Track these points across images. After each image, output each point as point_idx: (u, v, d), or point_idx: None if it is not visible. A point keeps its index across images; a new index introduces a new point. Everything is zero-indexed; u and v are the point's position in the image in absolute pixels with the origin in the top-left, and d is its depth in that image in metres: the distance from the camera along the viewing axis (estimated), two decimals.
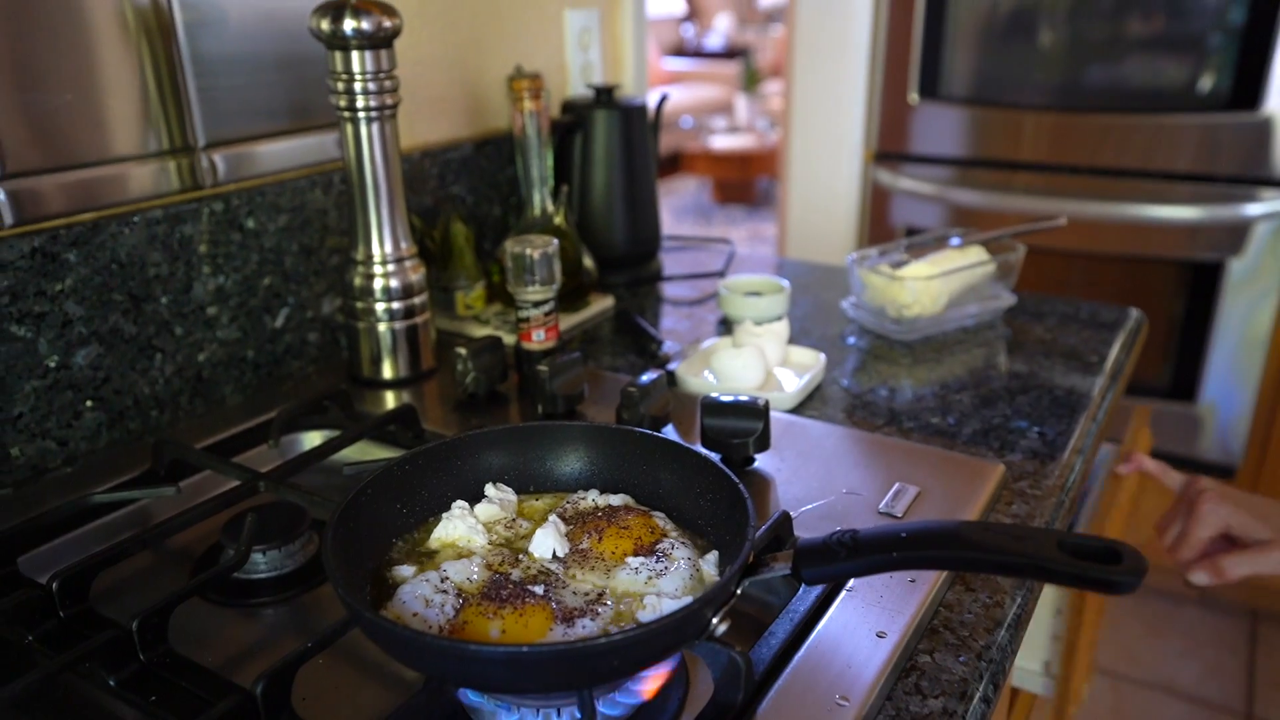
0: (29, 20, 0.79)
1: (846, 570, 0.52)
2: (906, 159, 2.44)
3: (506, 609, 0.52)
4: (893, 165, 2.44)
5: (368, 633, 0.51)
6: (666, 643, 0.50)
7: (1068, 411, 0.94)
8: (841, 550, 0.52)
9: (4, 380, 0.80)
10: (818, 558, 0.52)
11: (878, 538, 0.51)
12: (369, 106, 0.90)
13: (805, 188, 2.60)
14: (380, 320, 0.98)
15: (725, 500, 0.60)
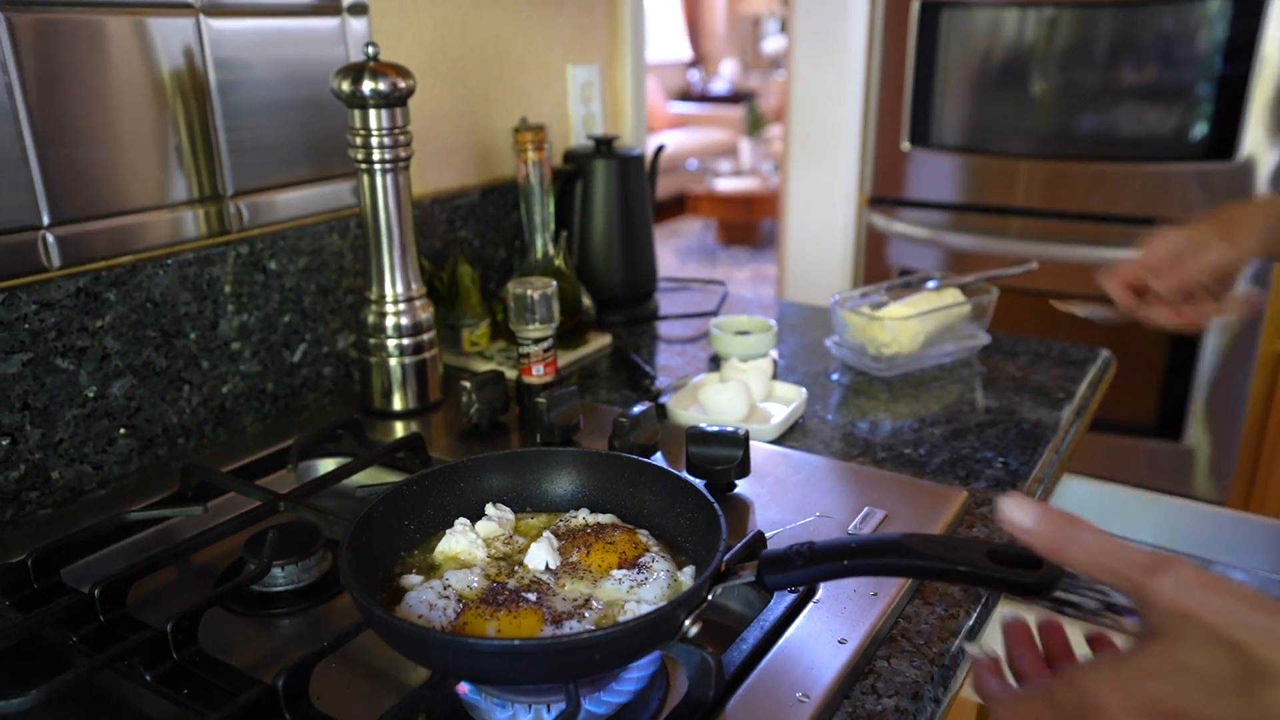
0: (79, 83, 0.87)
1: (803, 576, 0.58)
2: (901, 204, 2.52)
3: (502, 612, 0.59)
4: (887, 210, 2.52)
5: (379, 630, 0.57)
6: (643, 640, 0.56)
7: (1032, 444, 1.00)
8: (799, 559, 0.58)
9: (48, 409, 0.87)
10: (779, 565, 0.59)
11: (831, 548, 0.58)
12: (384, 160, 0.99)
13: (803, 231, 2.68)
14: (391, 355, 1.06)
15: (702, 518, 0.67)
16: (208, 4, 0.96)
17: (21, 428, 0.86)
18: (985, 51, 2.36)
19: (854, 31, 2.42)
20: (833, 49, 2.47)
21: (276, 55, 1.04)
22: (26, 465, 0.87)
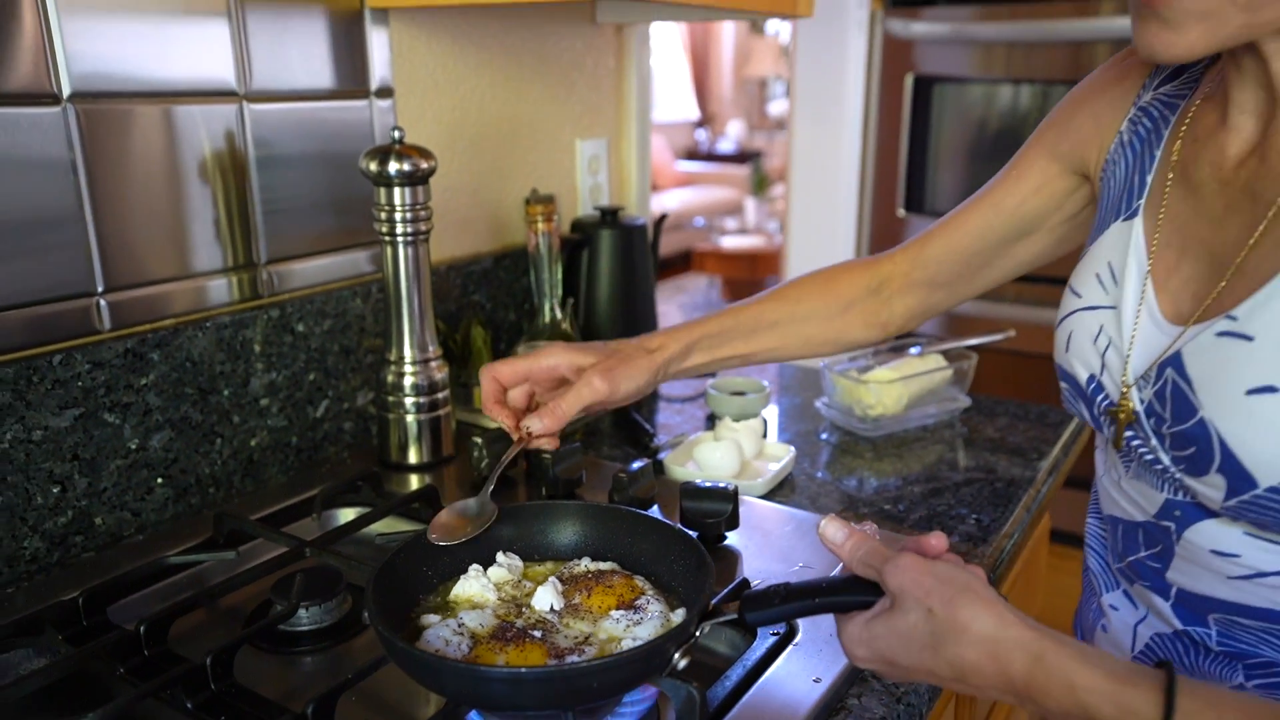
0: (134, 163, 0.96)
1: (780, 613, 0.65)
2: None
3: (510, 647, 0.66)
4: None
5: (400, 661, 0.64)
6: (636, 670, 0.63)
7: (1004, 501, 1.07)
8: (776, 597, 0.65)
9: (95, 460, 0.95)
10: (758, 603, 0.66)
11: (804, 587, 0.65)
12: (406, 233, 1.07)
13: None
14: (408, 412, 1.13)
15: (694, 564, 0.74)
16: (251, 91, 1.06)
17: (71, 477, 0.94)
18: (978, 123, 2.47)
19: (851, 102, 2.54)
20: (831, 118, 2.58)
21: (309, 134, 1.14)
22: (74, 511, 0.94)
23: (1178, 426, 0.67)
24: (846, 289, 0.93)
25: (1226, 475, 0.63)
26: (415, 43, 1.26)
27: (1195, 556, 0.70)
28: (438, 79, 1.30)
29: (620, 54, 1.63)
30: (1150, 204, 0.72)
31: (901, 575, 0.58)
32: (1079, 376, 0.76)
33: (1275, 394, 0.60)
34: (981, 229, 0.87)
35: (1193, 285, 0.68)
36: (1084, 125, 0.80)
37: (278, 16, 1.07)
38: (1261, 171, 0.65)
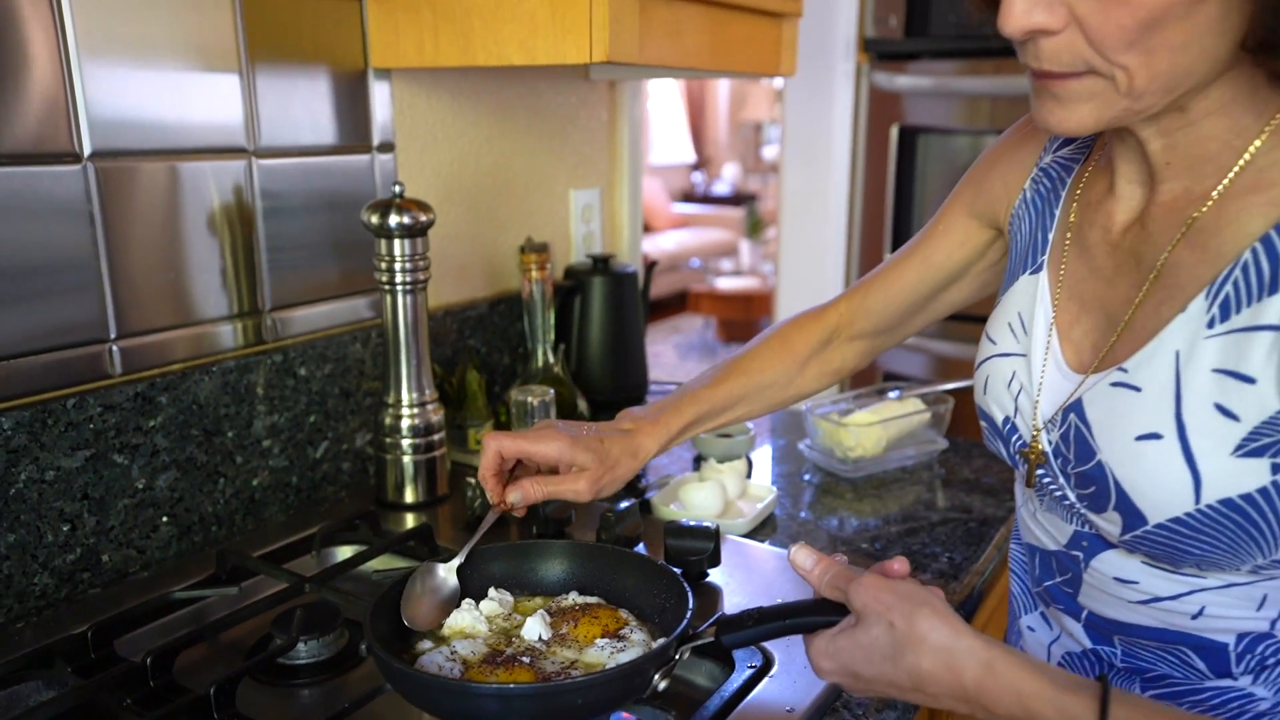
0: (148, 216, 1.02)
1: (754, 634, 0.69)
2: None
3: (500, 670, 0.70)
4: None
5: (395, 681, 0.68)
6: (617, 689, 0.67)
7: (977, 540, 1.11)
8: (750, 619, 0.70)
9: (104, 499, 0.99)
10: (733, 625, 0.70)
11: (776, 610, 0.69)
12: (405, 282, 1.13)
13: None
14: (405, 453, 1.18)
15: (675, 596, 0.78)
16: (259, 148, 1.12)
17: (80, 515, 0.98)
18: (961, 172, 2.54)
19: (838, 151, 2.62)
20: (820, 165, 2.65)
21: (314, 186, 1.19)
22: (82, 549, 0.98)
23: (1080, 467, 0.72)
24: (801, 346, 0.99)
25: (1121, 513, 0.69)
26: (416, 99, 1.32)
27: (1100, 583, 0.75)
28: (437, 134, 1.36)
29: (613, 108, 1.70)
30: (1052, 259, 0.79)
31: (865, 593, 0.64)
32: (996, 418, 0.81)
33: (1160, 440, 0.65)
34: (915, 282, 0.94)
35: (1092, 336, 0.74)
36: (994, 185, 0.87)
37: (286, 75, 1.13)
38: (1143, 237, 0.71)
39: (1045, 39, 0.60)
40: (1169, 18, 0.56)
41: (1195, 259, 0.67)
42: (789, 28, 1.40)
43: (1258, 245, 0.63)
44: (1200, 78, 0.61)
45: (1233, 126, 0.65)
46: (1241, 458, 0.63)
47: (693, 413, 0.93)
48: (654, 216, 7.91)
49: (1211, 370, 0.64)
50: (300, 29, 1.15)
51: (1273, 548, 0.64)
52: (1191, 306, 0.66)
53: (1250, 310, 0.63)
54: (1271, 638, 0.70)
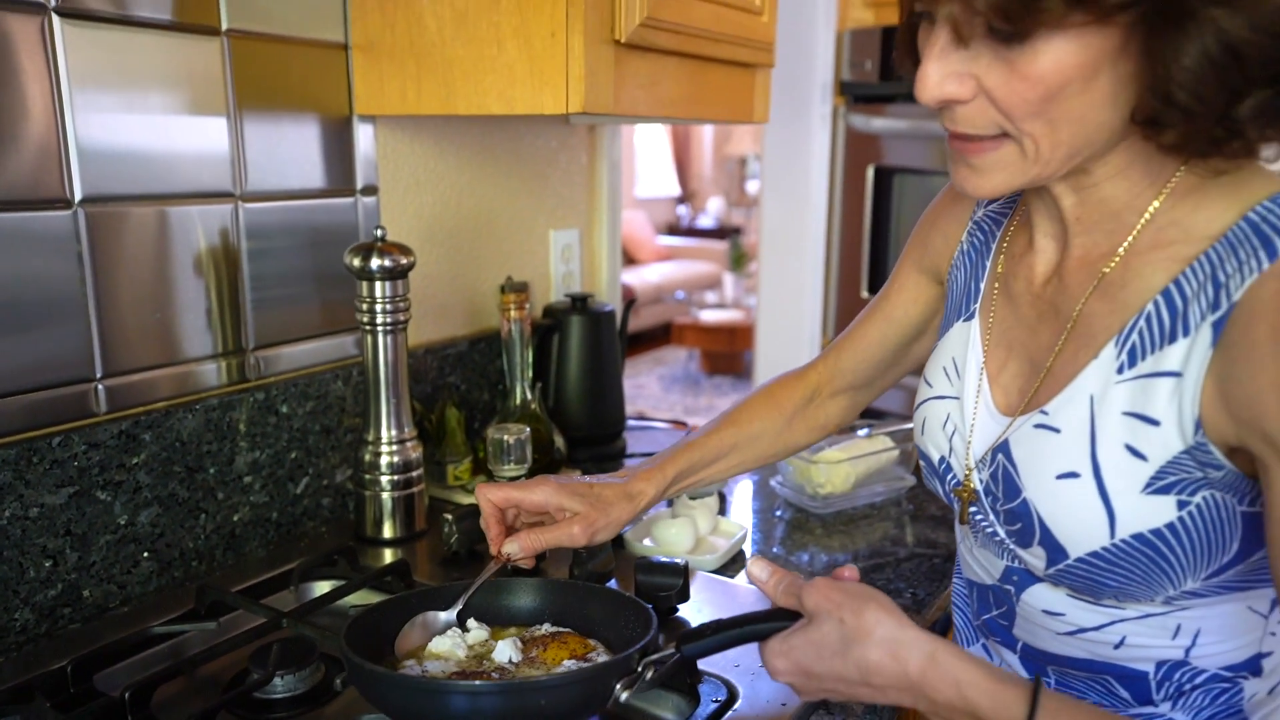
0: (136, 259, 1.05)
1: (713, 643, 0.73)
2: None
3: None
4: None
5: (365, 683, 0.71)
6: (579, 692, 0.70)
7: (940, 575, 1.14)
8: (709, 629, 0.73)
9: (86, 535, 1.01)
10: (693, 636, 0.73)
11: (733, 619, 0.73)
12: (386, 323, 1.16)
13: (772, 368, 2.87)
14: (384, 489, 1.20)
15: (640, 623, 0.81)
16: (245, 193, 1.15)
17: (62, 551, 1.00)
18: None
19: (816, 190, 2.67)
20: (798, 204, 2.71)
21: (298, 229, 1.23)
22: (63, 584, 1.00)
23: (1008, 505, 0.76)
24: (787, 403, 1.04)
25: (1045, 547, 0.73)
26: (399, 144, 1.36)
27: (1031, 616, 0.79)
28: (420, 177, 1.40)
29: (592, 150, 1.75)
30: (983, 308, 0.84)
31: (816, 594, 0.68)
32: (932, 457, 0.86)
33: (1078, 479, 0.70)
34: (880, 339, 0.99)
35: (1018, 381, 0.79)
36: (936, 241, 0.92)
37: (273, 122, 1.17)
38: (1060, 289, 0.76)
39: (959, 107, 0.65)
40: (1066, 92, 0.62)
41: (1106, 310, 0.72)
42: (762, 77, 1.45)
43: (1159, 298, 0.68)
44: (1099, 145, 0.66)
45: (1132, 189, 0.70)
46: (1150, 495, 0.67)
47: (686, 460, 0.98)
48: (639, 249, 7.98)
49: (1122, 413, 0.69)
50: (288, 77, 1.19)
51: (1182, 579, 0.69)
52: (1103, 354, 0.70)
53: (1154, 357, 0.67)
54: (1187, 665, 0.74)
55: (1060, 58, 0.60)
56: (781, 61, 2.65)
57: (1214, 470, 0.66)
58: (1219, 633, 0.73)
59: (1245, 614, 0.72)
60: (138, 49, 1.02)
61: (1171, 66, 0.59)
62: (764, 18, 1.37)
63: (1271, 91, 0.61)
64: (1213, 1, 0.57)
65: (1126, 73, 0.62)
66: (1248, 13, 0.57)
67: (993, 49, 0.62)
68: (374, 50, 1.21)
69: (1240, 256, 0.64)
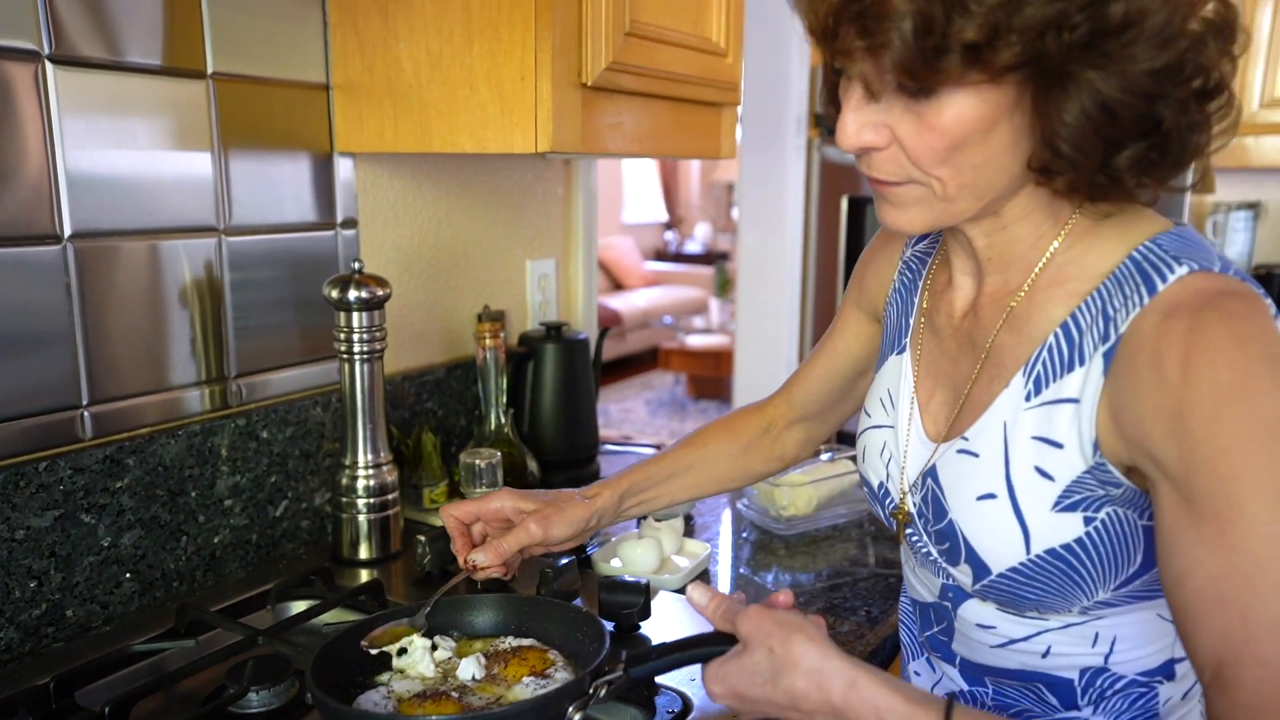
0: (122, 291, 1.10)
1: (659, 665, 0.77)
2: None
3: (429, 703, 0.77)
4: None
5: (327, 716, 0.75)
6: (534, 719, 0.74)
7: (895, 594, 1.19)
8: (654, 651, 0.78)
9: (70, 557, 1.05)
10: (640, 659, 0.78)
11: (677, 643, 0.78)
12: (362, 352, 1.21)
13: (750, 395, 2.92)
14: (360, 512, 1.25)
15: (595, 639, 0.85)
16: (229, 227, 1.20)
17: (47, 572, 1.04)
18: None
19: (791, 220, 2.74)
20: (774, 233, 2.77)
21: (280, 261, 1.28)
22: (48, 604, 1.04)
23: (937, 525, 0.82)
24: (744, 431, 1.10)
25: (971, 564, 0.79)
26: (379, 180, 1.41)
27: (967, 630, 0.85)
28: (399, 210, 1.45)
29: (568, 182, 1.81)
30: (913, 342, 0.89)
31: (749, 623, 0.72)
32: (872, 483, 0.91)
33: (995, 499, 0.76)
34: (828, 374, 1.05)
35: (945, 409, 0.84)
36: (871, 281, 0.98)
37: (256, 159, 1.22)
38: (976, 323, 0.82)
39: (875, 153, 0.71)
40: (968, 142, 0.68)
41: (1014, 341, 0.78)
42: (728, 115, 1.51)
43: (1059, 330, 0.74)
44: (1002, 189, 0.72)
45: (1036, 230, 0.76)
46: (1059, 513, 0.73)
47: (644, 474, 1.04)
48: (626, 274, 8.05)
49: (1030, 437, 0.74)
50: (272, 117, 1.24)
51: (1093, 590, 0.75)
52: (1013, 382, 0.76)
53: (1055, 385, 0.73)
54: (1107, 671, 0.80)
55: (962, 111, 0.66)
56: (756, 95, 2.73)
57: (1114, 488, 0.71)
58: (1133, 639, 0.78)
59: (1155, 621, 0.78)
60: (126, 92, 1.08)
61: (1056, 121, 0.66)
62: (728, 59, 1.44)
63: (1145, 144, 0.67)
64: (1089, 65, 0.63)
65: (1022, 125, 0.68)
66: (1119, 76, 0.64)
67: (903, 102, 0.68)
68: (354, 91, 1.27)
69: (1125, 292, 0.71)
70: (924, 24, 0.61)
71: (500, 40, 1.14)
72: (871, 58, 0.65)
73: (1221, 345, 0.63)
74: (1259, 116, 2.69)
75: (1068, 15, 0.62)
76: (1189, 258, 0.69)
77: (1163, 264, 0.70)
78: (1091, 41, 0.63)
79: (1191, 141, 0.69)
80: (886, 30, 0.62)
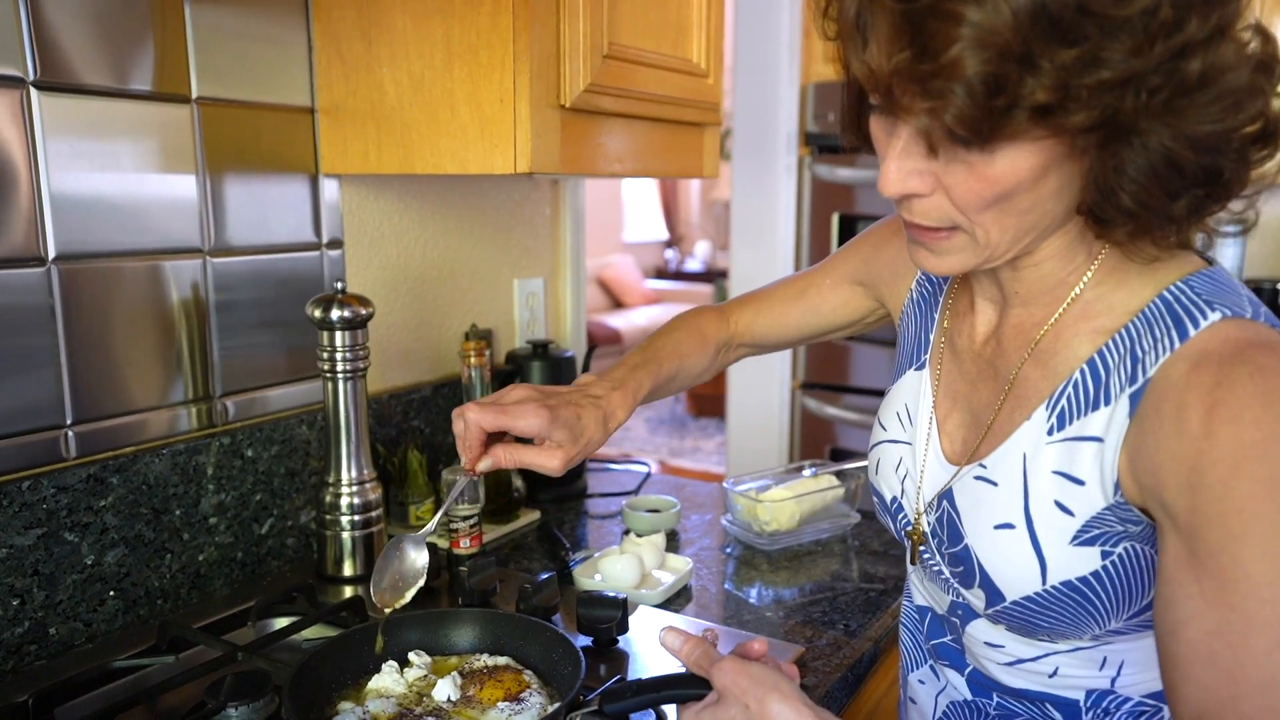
0: (107, 312, 1.11)
1: (633, 704, 0.77)
2: (833, 389, 2.78)
3: None
4: (820, 394, 2.78)
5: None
6: None
7: (874, 608, 1.20)
8: (629, 691, 0.78)
9: (54, 575, 1.06)
10: (615, 696, 0.78)
11: (651, 682, 0.77)
12: (345, 370, 1.22)
13: (743, 412, 2.92)
14: (344, 529, 1.26)
15: (571, 663, 0.86)
16: (214, 248, 1.22)
17: (30, 590, 1.05)
18: None
19: (782, 236, 2.76)
20: (765, 250, 2.79)
21: (265, 282, 1.29)
22: (30, 622, 1.05)
23: (952, 548, 0.82)
24: (711, 340, 1.10)
25: (985, 590, 0.79)
26: (364, 200, 1.43)
27: (974, 647, 0.85)
28: (384, 230, 1.47)
29: (555, 202, 1.82)
30: (933, 359, 0.89)
31: (724, 676, 0.72)
32: (885, 496, 0.91)
33: (1013, 530, 0.76)
34: (801, 325, 1.08)
35: (963, 431, 0.84)
36: (882, 268, 0.98)
37: (242, 181, 1.24)
38: (999, 351, 0.82)
39: (917, 200, 0.69)
40: (1019, 190, 0.66)
41: (1039, 375, 0.77)
42: (710, 134, 1.53)
43: (1084, 367, 0.74)
44: (1042, 231, 0.71)
45: (1066, 266, 0.76)
46: (1077, 546, 0.73)
47: (651, 380, 1.01)
48: (627, 293, 8.08)
49: (1051, 471, 0.74)
50: (257, 140, 1.26)
51: (1106, 620, 0.75)
52: (1035, 415, 0.76)
53: (1079, 422, 0.73)
54: (1113, 693, 0.80)
55: (1015, 161, 0.64)
56: (747, 114, 2.76)
57: (1133, 525, 0.71)
58: (1140, 664, 0.78)
59: None
60: (111, 116, 1.10)
61: (1120, 175, 0.64)
62: (709, 80, 1.46)
63: (1203, 192, 0.66)
64: (1157, 122, 0.61)
65: (1073, 171, 0.66)
66: (1190, 133, 0.62)
67: (955, 152, 0.65)
68: (338, 114, 1.29)
69: (1155, 334, 0.70)
70: (995, 85, 0.57)
71: (479, 63, 1.16)
72: (932, 116, 0.61)
73: (1249, 403, 0.62)
74: None
75: (1145, 75, 0.59)
76: (1221, 302, 0.68)
77: (1195, 307, 0.69)
78: (1169, 100, 0.60)
79: (1241, 182, 0.67)
80: (954, 90, 0.58)
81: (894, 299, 0.98)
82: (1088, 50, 0.57)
